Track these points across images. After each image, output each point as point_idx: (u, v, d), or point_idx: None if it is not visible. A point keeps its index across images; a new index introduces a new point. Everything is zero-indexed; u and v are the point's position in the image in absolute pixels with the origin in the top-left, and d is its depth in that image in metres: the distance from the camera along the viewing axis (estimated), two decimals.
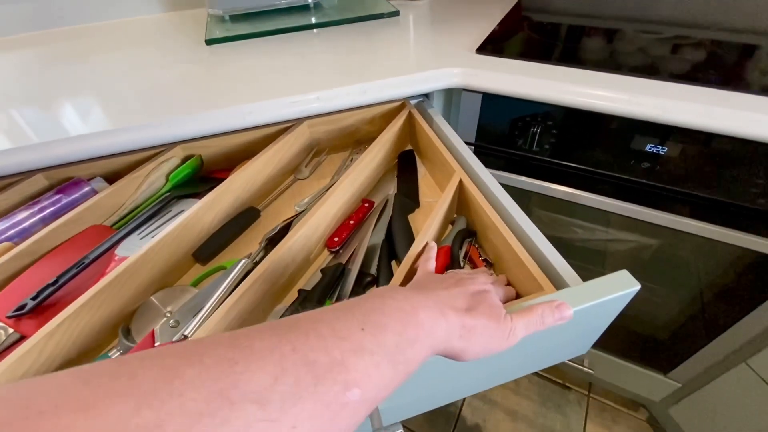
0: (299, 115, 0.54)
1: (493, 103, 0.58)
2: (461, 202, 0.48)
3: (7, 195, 0.49)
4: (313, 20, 0.74)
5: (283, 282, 0.42)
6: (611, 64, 0.54)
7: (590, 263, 0.76)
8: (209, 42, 0.67)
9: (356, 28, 0.71)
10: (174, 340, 0.37)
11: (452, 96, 0.63)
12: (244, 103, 0.51)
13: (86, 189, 0.50)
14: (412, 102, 0.60)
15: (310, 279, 0.43)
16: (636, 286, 0.32)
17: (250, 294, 0.36)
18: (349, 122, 0.60)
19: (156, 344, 0.36)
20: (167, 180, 0.52)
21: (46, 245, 0.43)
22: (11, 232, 0.45)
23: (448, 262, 0.42)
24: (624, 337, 0.84)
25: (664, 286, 0.70)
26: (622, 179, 0.56)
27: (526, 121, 0.57)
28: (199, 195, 0.52)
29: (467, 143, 0.62)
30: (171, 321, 0.37)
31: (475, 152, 0.64)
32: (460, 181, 0.46)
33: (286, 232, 0.46)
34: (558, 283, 0.35)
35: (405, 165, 0.59)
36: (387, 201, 0.51)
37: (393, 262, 0.45)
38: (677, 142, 0.50)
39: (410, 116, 0.58)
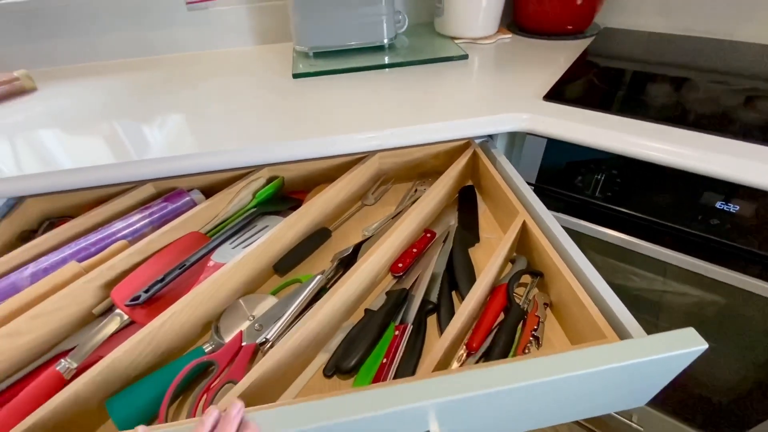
0: (375, 148, 0.59)
1: (557, 147, 0.60)
2: (521, 242, 0.50)
3: (123, 200, 0.58)
4: (387, 60, 0.81)
5: (353, 300, 0.46)
6: (682, 117, 0.55)
7: (645, 313, 0.74)
8: (296, 76, 0.75)
9: (427, 69, 0.76)
10: (257, 342, 0.41)
11: (515, 137, 0.66)
12: (328, 135, 0.57)
13: (186, 198, 0.58)
14: (477, 141, 0.64)
15: (375, 300, 0.47)
16: (703, 346, 0.33)
17: (327, 308, 0.41)
18: (415, 156, 0.64)
19: (243, 344, 0.41)
20: (253, 197, 0.59)
21: (155, 246, 0.51)
22: (126, 231, 0.53)
23: (504, 301, 0.44)
24: (680, 397, 0.80)
25: (729, 347, 0.67)
26: (688, 233, 0.56)
27: (590, 168, 0.59)
28: (280, 212, 0.59)
29: (527, 183, 0.64)
30: (255, 325, 0.42)
31: (535, 192, 0.66)
32: (524, 222, 0.48)
33: (356, 254, 0.51)
34: (620, 333, 0.36)
35: (465, 200, 0.62)
36: (448, 233, 0.55)
37: (453, 293, 0.48)
38: (751, 201, 0.50)
39: (474, 154, 0.62)
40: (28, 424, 0.33)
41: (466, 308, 0.40)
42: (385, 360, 0.39)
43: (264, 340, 0.42)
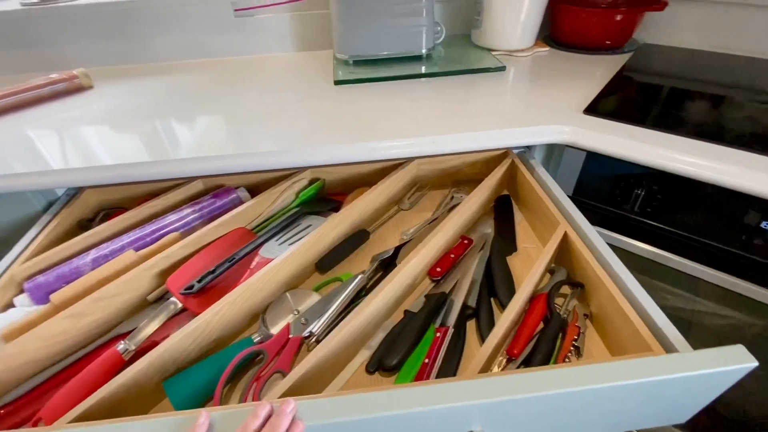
0: (414, 155, 0.60)
1: (597, 160, 0.60)
2: (560, 253, 0.51)
3: (174, 194, 0.61)
4: (424, 69, 0.83)
5: (393, 301, 0.47)
6: (725, 134, 0.55)
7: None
8: (337, 82, 0.78)
9: (464, 79, 0.77)
10: (303, 335, 0.43)
11: (553, 149, 0.67)
12: (369, 141, 0.59)
13: (233, 196, 0.61)
14: (515, 151, 0.65)
15: (414, 302, 0.48)
16: (752, 363, 0.32)
17: (371, 308, 0.42)
18: (452, 164, 0.65)
19: (290, 336, 0.43)
20: (296, 197, 0.61)
21: (205, 239, 0.53)
22: (177, 224, 0.56)
23: (545, 310, 0.45)
24: (710, 421, 0.78)
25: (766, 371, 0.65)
26: (728, 251, 0.55)
27: (630, 182, 0.59)
28: (320, 213, 0.61)
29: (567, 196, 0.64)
30: (302, 319, 0.44)
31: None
32: (565, 233, 0.49)
33: (395, 257, 0.53)
34: (666, 347, 0.36)
35: (502, 209, 0.63)
36: (485, 241, 0.56)
37: (492, 299, 0.48)
38: None
39: (512, 164, 0.63)
40: (91, 403, 0.35)
41: (508, 316, 0.41)
42: (426, 360, 0.40)
43: (309, 333, 0.43)
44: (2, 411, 0.40)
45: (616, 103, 0.65)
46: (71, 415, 0.34)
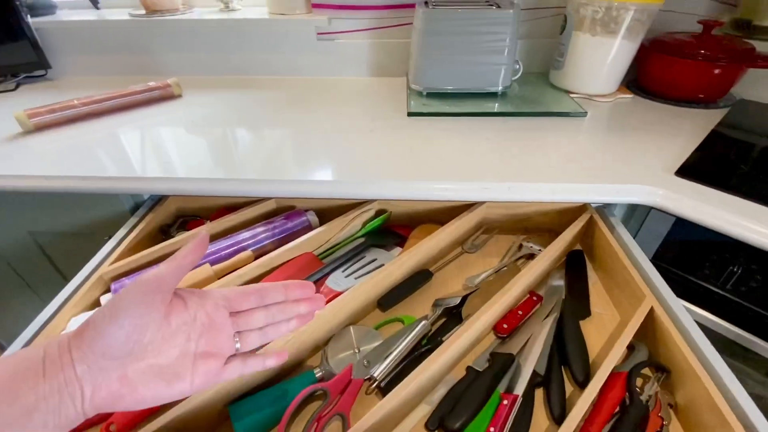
0: (487, 199, 0.59)
1: (686, 227, 0.56)
2: (642, 328, 0.47)
3: (248, 211, 0.63)
4: (498, 107, 0.81)
5: (457, 355, 0.45)
6: None
7: None
8: (410, 114, 0.79)
9: (540, 122, 0.75)
10: (365, 378, 0.43)
11: (636, 208, 0.63)
12: (440, 180, 0.58)
13: (303, 218, 0.62)
14: (594, 206, 0.61)
15: (477, 359, 0.46)
16: None
17: (439, 362, 0.41)
18: (525, 211, 0.63)
19: (352, 378, 0.42)
20: (362, 226, 0.62)
21: (276, 261, 0.55)
22: (250, 241, 0.58)
23: (624, 393, 0.41)
24: None
25: None
26: None
27: (725, 258, 0.54)
28: (385, 246, 0.60)
29: None
30: (364, 361, 0.44)
31: None
32: (651, 308, 0.45)
33: (461, 305, 0.51)
34: None
35: (574, 265, 0.59)
36: (557, 301, 0.53)
37: (563, 368, 0.45)
38: None
39: (591, 220, 0.59)
40: (161, 424, 0.36)
41: (587, 399, 0.38)
42: (492, 429, 0.38)
43: (370, 377, 0.43)
44: None
45: (713, 165, 0.61)
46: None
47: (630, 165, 0.60)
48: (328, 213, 0.63)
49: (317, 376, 0.43)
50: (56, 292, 0.49)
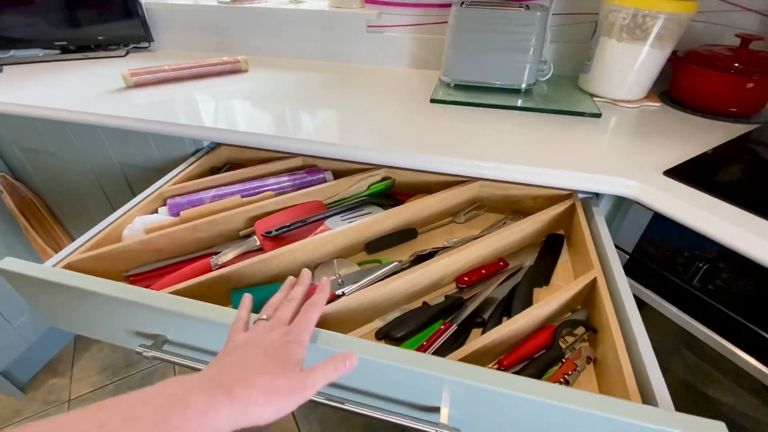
0: (476, 175, 0.66)
1: (664, 224, 0.59)
2: (589, 299, 0.52)
3: (278, 164, 0.76)
4: (519, 103, 0.87)
5: (416, 290, 0.54)
6: None
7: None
8: (433, 101, 0.87)
9: (556, 119, 0.80)
10: (336, 293, 0.53)
11: (623, 202, 0.66)
12: (441, 155, 0.66)
13: (321, 176, 0.74)
14: (580, 195, 0.66)
15: (433, 298, 0.55)
16: None
17: (394, 285, 0.50)
18: (514, 192, 0.69)
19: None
20: (368, 188, 0.72)
21: (290, 202, 0.67)
22: (274, 186, 0.71)
23: (549, 339, 0.47)
24: None
25: None
26: None
27: (695, 254, 0.56)
28: (383, 206, 0.70)
29: (624, 251, 0.64)
30: (339, 280, 0.54)
31: (630, 262, 0.65)
32: (594, 278, 0.50)
33: (431, 256, 0.59)
34: (648, 399, 0.37)
35: (550, 246, 0.65)
36: (521, 268, 0.59)
37: (504, 318, 0.52)
38: None
39: (573, 207, 0.64)
40: (184, 286, 0.49)
41: (510, 325, 0.45)
42: (425, 343, 0.47)
43: (342, 293, 0.53)
44: (132, 278, 0.58)
45: (710, 172, 0.62)
46: (169, 290, 0.49)
47: (624, 162, 0.64)
48: (344, 174, 0.75)
49: None
50: None
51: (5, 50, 1.23)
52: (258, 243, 0.60)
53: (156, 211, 0.66)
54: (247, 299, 0.41)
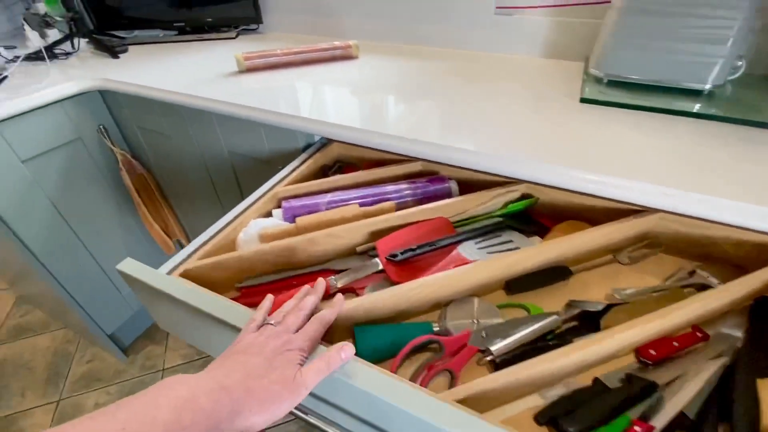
0: (659, 206, 0.50)
1: None
2: None
3: (397, 167, 0.67)
4: (698, 108, 0.67)
5: (586, 363, 0.42)
6: None
7: None
8: (584, 100, 0.71)
9: (751, 132, 0.60)
10: (481, 349, 0.42)
11: None
12: (606, 174, 0.51)
13: (445, 185, 0.63)
14: None
15: (608, 374, 0.42)
16: None
17: (565, 359, 0.38)
18: (709, 234, 0.52)
19: (468, 343, 0.43)
20: (504, 206, 0.60)
21: (414, 217, 0.57)
22: (394, 195, 0.62)
23: None
24: None
25: None
26: None
27: None
28: (523, 231, 0.58)
29: None
30: (483, 332, 0.43)
31: None
32: None
33: (602, 313, 0.46)
34: None
35: (761, 315, 0.47)
36: (729, 347, 0.43)
37: (722, 425, 0.38)
38: None
39: None
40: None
41: None
42: None
43: (486, 349, 0.42)
44: (243, 290, 0.53)
45: None
46: None
47: None
48: (470, 185, 0.63)
49: (434, 329, 0.45)
50: (233, 201, 0.61)
51: (130, 30, 1.29)
52: (380, 266, 0.51)
53: (270, 214, 0.60)
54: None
